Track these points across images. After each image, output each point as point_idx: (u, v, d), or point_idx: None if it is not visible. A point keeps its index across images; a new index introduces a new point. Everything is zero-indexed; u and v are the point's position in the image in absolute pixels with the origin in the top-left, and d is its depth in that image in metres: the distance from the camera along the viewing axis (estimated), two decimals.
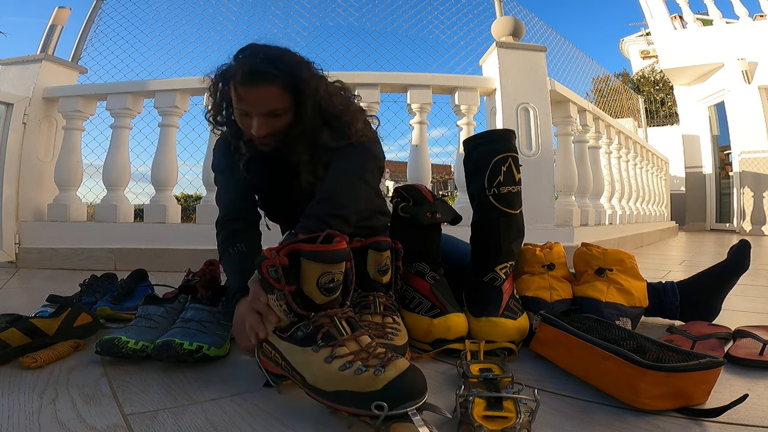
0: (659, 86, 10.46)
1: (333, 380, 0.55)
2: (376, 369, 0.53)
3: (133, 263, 1.88)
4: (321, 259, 0.60)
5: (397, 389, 0.51)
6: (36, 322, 0.78)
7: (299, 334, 0.60)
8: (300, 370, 0.58)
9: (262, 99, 0.85)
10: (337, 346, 0.58)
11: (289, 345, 0.61)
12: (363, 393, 0.52)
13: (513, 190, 0.88)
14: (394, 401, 0.50)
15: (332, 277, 0.61)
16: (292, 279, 0.61)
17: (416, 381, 0.53)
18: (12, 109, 2.13)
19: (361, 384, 0.53)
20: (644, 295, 0.96)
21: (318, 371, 0.56)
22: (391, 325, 0.77)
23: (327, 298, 0.61)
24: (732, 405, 0.53)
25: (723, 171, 6.77)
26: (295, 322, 0.61)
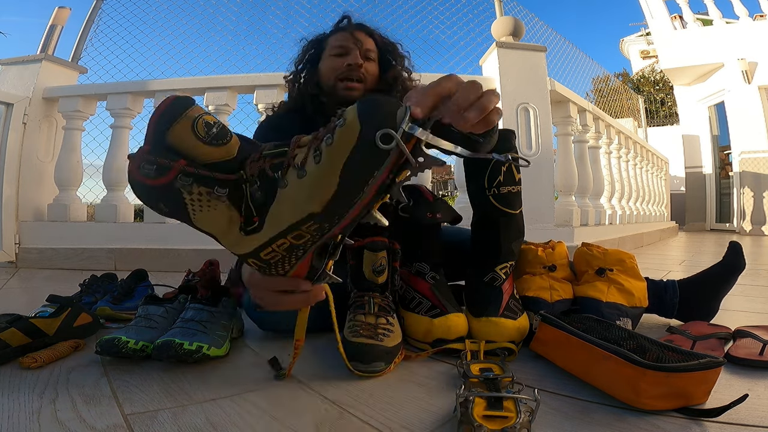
0: (659, 86, 10.46)
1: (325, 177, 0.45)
2: (337, 123, 0.45)
3: (133, 263, 1.88)
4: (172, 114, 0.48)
5: (374, 110, 0.44)
6: (36, 322, 0.78)
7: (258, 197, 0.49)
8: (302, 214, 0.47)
9: (360, 37, 0.99)
10: (292, 158, 0.47)
11: (268, 217, 0.49)
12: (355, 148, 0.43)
13: (513, 190, 0.88)
14: (384, 120, 0.43)
15: (204, 121, 0.48)
16: (174, 156, 0.48)
17: (381, 97, 0.45)
18: (12, 109, 2.14)
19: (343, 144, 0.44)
20: (644, 295, 0.96)
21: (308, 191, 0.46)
22: (383, 326, 0.76)
23: (227, 146, 0.49)
24: (732, 405, 0.53)
25: (723, 171, 6.77)
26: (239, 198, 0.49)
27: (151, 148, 0.48)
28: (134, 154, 0.48)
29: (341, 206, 0.46)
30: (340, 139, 0.44)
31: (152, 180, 0.48)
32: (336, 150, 0.44)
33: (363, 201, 0.46)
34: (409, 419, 0.55)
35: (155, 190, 0.48)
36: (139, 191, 0.49)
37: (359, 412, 0.57)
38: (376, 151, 0.43)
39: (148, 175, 0.47)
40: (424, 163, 0.45)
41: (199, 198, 0.48)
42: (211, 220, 0.50)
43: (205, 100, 2.19)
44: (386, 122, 0.43)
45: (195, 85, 2.23)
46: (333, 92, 0.98)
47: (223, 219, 0.50)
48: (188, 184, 0.48)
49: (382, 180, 0.45)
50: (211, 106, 2.17)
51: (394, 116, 0.44)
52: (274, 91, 2.13)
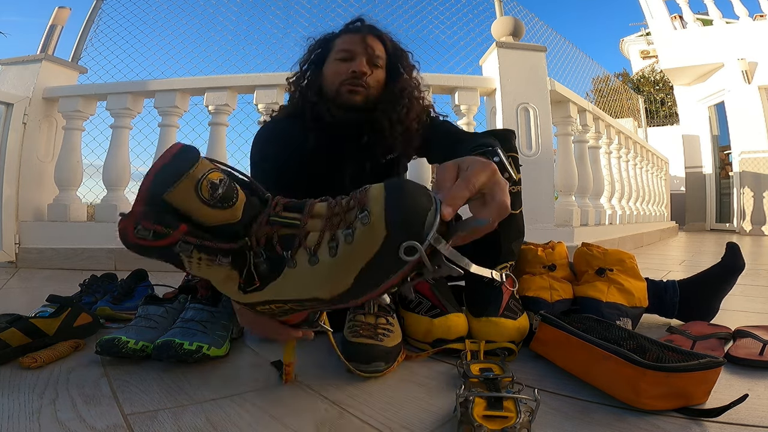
0: (659, 86, 10.46)
1: (340, 273, 0.43)
2: (361, 218, 0.42)
3: (133, 263, 1.87)
4: (174, 172, 0.43)
5: (403, 213, 0.42)
6: (36, 322, 0.78)
7: (263, 269, 0.46)
8: (307, 296, 0.45)
9: (369, 44, 0.94)
10: (304, 238, 0.45)
11: (270, 286, 0.46)
12: (377, 254, 0.41)
13: (513, 190, 0.88)
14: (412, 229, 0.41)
15: (209, 182, 0.44)
16: (173, 219, 0.44)
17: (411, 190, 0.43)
18: (12, 109, 2.14)
19: (365, 247, 0.42)
20: (644, 295, 0.96)
21: (319, 280, 0.44)
22: (383, 326, 0.76)
23: (233, 208, 0.45)
24: (732, 405, 0.53)
25: (723, 171, 6.77)
26: (242, 263, 0.46)
27: (148, 209, 0.44)
28: (128, 214, 0.44)
29: (349, 297, 0.45)
30: (362, 239, 0.42)
31: (148, 242, 0.44)
32: (356, 251, 0.42)
33: (371, 295, 0.45)
34: (409, 419, 0.55)
35: (151, 250, 0.45)
36: (132, 249, 0.45)
37: (359, 412, 0.57)
38: (397, 260, 0.42)
39: (145, 237, 0.44)
40: (440, 269, 0.44)
41: (198, 262, 0.46)
42: (207, 274, 0.48)
43: (205, 100, 2.19)
44: (413, 229, 0.41)
45: (195, 85, 2.22)
46: (336, 97, 0.94)
47: (221, 275, 0.47)
48: (189, 251, 0.45)
49: (395, 282, 0.44)
50: (211, 106, 2.17)
51: (422, 220, 0.41)
52: (274, 91, 2.13)
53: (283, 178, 0.92)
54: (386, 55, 0.97)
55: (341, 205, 0.45)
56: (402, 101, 0.96)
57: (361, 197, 0.44)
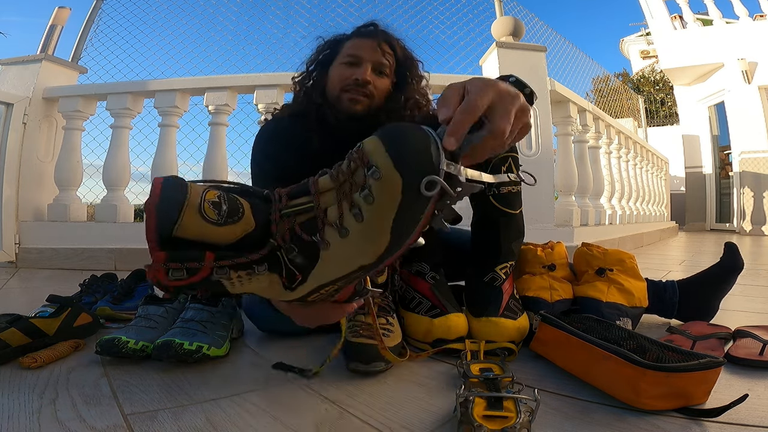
0: (659, 86, 10.46)
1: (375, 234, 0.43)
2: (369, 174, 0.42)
3: (133, 263, 1.88)
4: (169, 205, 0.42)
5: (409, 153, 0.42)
6: (36, 322, 0.78)
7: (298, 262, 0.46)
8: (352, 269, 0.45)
9: (377, 50, 0.92)
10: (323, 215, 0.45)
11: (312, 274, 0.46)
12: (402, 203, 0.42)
13: (513, 190, 0.88)
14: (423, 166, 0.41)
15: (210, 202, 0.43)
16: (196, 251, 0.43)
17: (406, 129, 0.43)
18: (12, 109, 2.14)
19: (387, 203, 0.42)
20: (644, 295, 0.96)
21: (357, 249, 0.44)
22: (383, 326, 0.77)
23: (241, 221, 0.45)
24: (732, 405, 0.53)
25: (723, 171, 6.77)
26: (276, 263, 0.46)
27: (167, 252, 0.43)
28: (152, 264, 0.43)
29: (393, 251, 0.45)
30: (381, 194, 0.42)
31: (185, 281, 0.44)
32: (381, 206, 0.42)
33: (411, 240, 0.46)
34: (409, 419, 0.55)
35: (193, 286, 0.45)
36: (175, 293, 0.46)
37: (359, 412, 0.57)
38: (422, 198, 0.42)
39: (180, 278, 0.43)
40: (462, 191, 0.44)
41: (239, 279, 0.45)
42: (251, 289, 0.47)
43: (205, 100, 2.19)
44: (424, 165, 0.41)
45: (195, 85, 2.22)
46: (337, 103, 0.93)
47: (263, 284, 0.47)
48: (226, 273, 0.44)
49: (427, 218, 0.44)
50: (211, 106, 2.17)
51: (429, 154, 0.41)
52: (274, 91, 2.13)
53: (285, 177, 0.92)
54: (395, 62, 0.95)
55: (343, 171, 0.44)
56: (404, 111, 0.95)
57: (360, 155, 0.43)
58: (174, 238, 0.43)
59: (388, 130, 0.44)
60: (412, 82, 0.97)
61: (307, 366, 0.71)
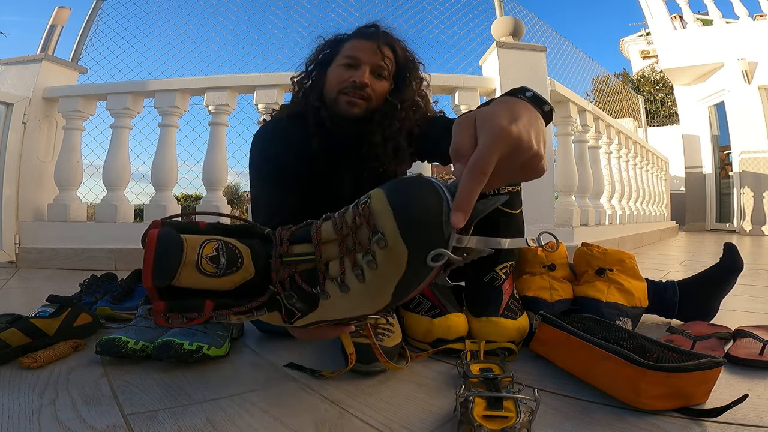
0: (659, 86, 10.46)
1: (376, 294, 0.45)
2: (375, 240, 0.42)
3: (133, 263, 1.88)
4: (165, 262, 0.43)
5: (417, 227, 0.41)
6: (36, 322, 0.78)
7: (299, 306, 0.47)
8: (352, 315, 0.48)
9: (377, 52, 0.91)
10: (325, 269, 0.45)
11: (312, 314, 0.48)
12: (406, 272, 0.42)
13: (513, 190, 0.88)
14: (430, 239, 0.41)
15: (207, 258, 0.44)
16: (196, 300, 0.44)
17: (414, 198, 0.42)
18: (12, 109, 2.14)
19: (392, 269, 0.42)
20: (644, 295, 0.96)
21: (358, 304, 0.45)
22: (383, 326, 0.77)
23: (239, 271, 0.45)
24: (732, 405, 0.53)
25: (723, 171, 6.77)
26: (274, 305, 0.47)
27: (167, 304, 0.43)
28: (153, 311, 0.44)
29: (392, 306, 0.47)
30: (385, 263, 0.42)
31: (188, 324, 0.45)
32: (384, 274, 0.42)
33: (412, 295, 0.47)
34: (409, 419, 0.55)
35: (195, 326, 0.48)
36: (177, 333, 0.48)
37: (359, 412, 0.57)
38: (426, 268, 0.42)
39: (182, 322, 0.45)
40: (469, 256, 0.45)
41: (238, 319, 0.47)
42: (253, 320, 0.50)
43: (205, 100, 2.19)
44: (433, 239, 0.40)
45: (195, 85, 2.22)
46: (334, 105, 0.92)
47: (263, 318, 0.48)
48: (224, 318, 0.45)
49: (430, 280, 0.45)
50: (211, 106, 2.17)
51: (439, 227, 0.40)
52: (274, 91, 2.13)
53: (283, 178, 0.92)
54: (396, 64, 0.94)
55: (347, 224, 0.44)
56: (399, 114, 0.93)
57: (365, 213, 0.42)
58: (173, 288, 0.43)
59: (397, 188, 0.42)
60: (412, 84, 0.97)
61: (308, 366, 0.71)
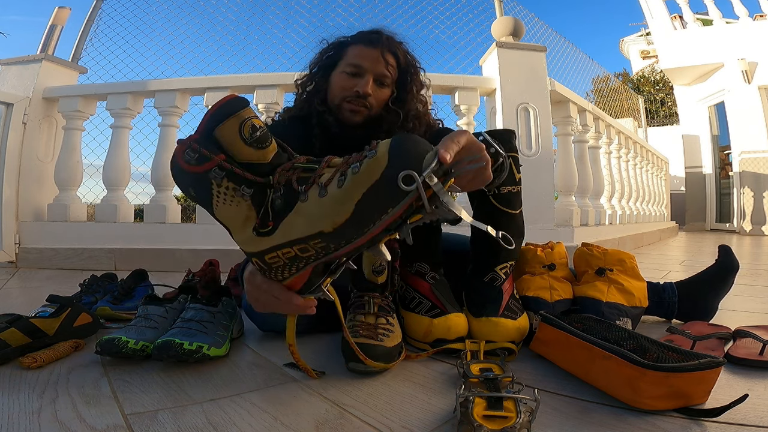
0: (659, 86, 10.46)
1: (343, 201, 0.47)
2: (368, 153, 0.47)
3: (133, 263, 1.88)
4: (227, 111, 0.52)
5: (404, 150, 0.46)
6: (36, 322, 0.78)
7: (278, 204, 0.52)
8: (313, 230, 0.49)
9: (380, 60, 0.92)
10: (318, 177, 0.50)
11: (281, 225, 0.51)
12: (377, 181, 0.46)
13: (513, 190, 0.88)
14: (412, 162, 0.45)
15: (252, 124, 0.52)
16: (216, 149, 0.52)
17: (416, 138, 0.48)
18: (12, 109, 2.14)
19: (367, 175, 0.46)
20: (644, 295, 0.96)
21: (324, 210, 0.48)
22: (383, 326, 0.77)
23: (265, 151, 0.53)
24: (732, 405, 0.53)
25: (723, 171, 6.77)
26: (261, 201, 0.52)
27: (198, 138, 0.52)
28: (183, 140, 0.53)
29: (350, 232, 0.48)
30: (365, 169, 0.47)
31: (191, 167, 0.52)
32: (359, 179, 0.47)
33: (372, 233, 0.48)
34: (409, 419, 0.55)
35: (190, 176, 0.53)
36: (176, 173, 0.54)
37: (359, 412, 0.57)
38: (396, 189, 0.45)
39: (189, 161, 0.52)
40: (437, 210, 0.47)
41: (225, 191, 0.53)
42: (231, 214, 0.54)
43: (206, 100, 2.19)
44: (412, 164, 0.45)
45: (195, 85, 2.22)
46: (337, 111, 0.94)
47: (240, 216, 0.54)
48: (220, 177, 0.52)
49: (394, 218, 0.47)
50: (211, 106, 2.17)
51: (422, 160, 0.46)
52: (274, 91, 2.13)
53: None
54: (398, 70, 0.96)
55: (355, 156, 0.50)
56: (406, 127, 0.95)
57: (372, 145, 0.49)
58: (212, 135, 0.52)
59: (403, 134, 0.49)
60: (413, 89, 0.98)
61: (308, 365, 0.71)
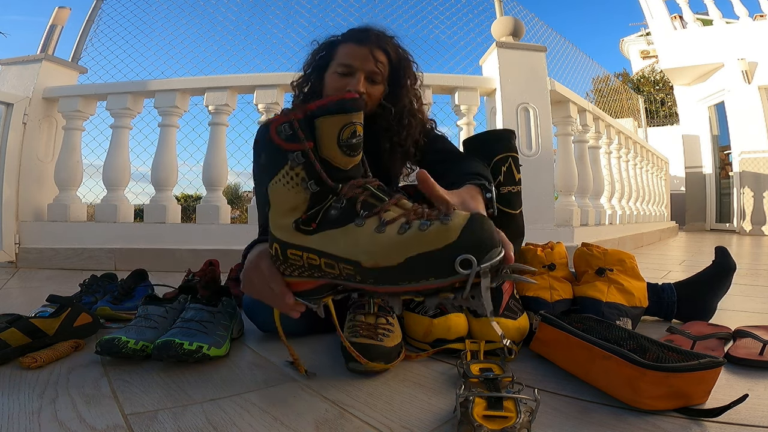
0: (659, 86, 10.46)
1: (396, 249, 0.46)
2: (442, 218, 0.46)
3: (133, 263, 1.88)
4: (340, 108, 0.52)
5: (477, 235, 0.45)
6: (36, 322, 0.78)
7: (332, 213, 0.52)
8: (351, 256, 0.49)
9: (370, 58, 0.91)
10: (383, 211, 0.50)
11: (324, 233, 0.51)
12: (438, 250, 0.44)
13: (513, 190, 0.88)
14: (478, 250, 0.44)
15: (354, 129, 0.53)
16: (310, 135, 0.53)
17: (491, 226, 0.47)
18: (12, 109, 2.14)
19: (432, 239, 0.45)
20: (644, 295, 0.96)
21: (374, 246, 0.48)
22: (383, 326, 0.77)
23: (351, 159, 0.54)
24: (732, 405, 0.53)
25: (723, 171, 6.77)
26: (319, 201, 0.53)
27: (302, 118, 0.52)
28: (287, 112, 0.53)
29: (385, 278, 0.48)
30: (433, 233, 0.46)
31: (279, 139, 0.53)
32: (422, 239, 0.46)
33: (403, 288, 0.48)
34: (409, 419, 0.55)
35: (272, 147, 0.53)
36: (261, 136, 0.55)
37: (359, 412, 0.57)
38: (450, 266, 0.44)
39: (280, 134, 0.53)
40: (472, 301, 0.47)
41: (293, 176, 0.53)
42: (283, 197, 0.54)
43: (205, 100, 2.19)
44: (477, 251, 0.44)
45: (195, 85, 2.22)
46: None
47: (291, 203, 0.54)
48: (297, 163, 0.52)
49: (431, 287, 0.47)
50: (211, 106, 2.17)
51: (488, 251, 0.45)
52: (274, 91, 2.13)
53: None
54: (389, 66, 0.95)
55: (426, 212, 0.49)
56: (403, 124, 0.95)
57: (449, 209, 0.49)
58: (314, 121, 0.53)
59: (482, 218, 0.47)
60: (407, 84, 0.97)
61: (306, 367, 0.71)
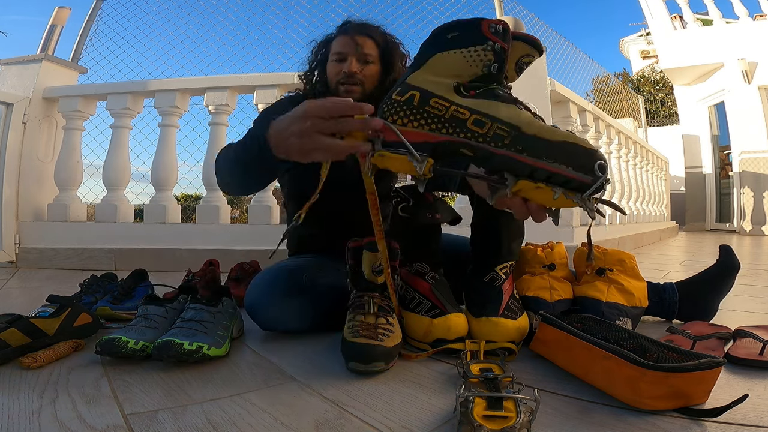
0: (659, 86, 10.46)
1: (556, 132, 0.53)
2: None
3: (133, 263, 1.87)
4: (529, 41, 0.63)
5: (604, 157, 0.54)
6: (36, 322, 0.78)
7: (500, 93, 0.57)
8: (513, 121, 0.54)
9: (357, 43, 1.02)
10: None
11: (485, 101, 0.56)
12: (588, 149, 0.53)
13: None
14: (604, 166, 0.52)
15: (528, 61, 0.62)
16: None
17: None
18: (12, 109, 2.14)
19: (585, 140, 0.53)
20: (644, 295, 0.96)
21: (536, 124, 0.54)
22: (383, 326, 0.76)
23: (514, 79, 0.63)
24: (732, 405, 0.53)
25: (723, 171, 6.77)
26: (483, 81, 0.57)
27: (504, 32, 0.58)
28: (500, 20, 0.58)
29: (534, 150, 0.53)
30: (586, 139, 0.58)
31: (489, 33, 0.58)
32: (577, 137, 0.54)
33: (542, 165, 0.52)
34: (409, 419, 0.55)
35: (477, 30, 0.59)
36: (471, 26, 0.60)
37: (359, 412, 0.57)
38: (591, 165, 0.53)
39: (489, 28, 0.59)
40: (587, 203, 0.53)
41: (480, 55, 0.58)
42: (450, 64, 0.59)
43: (205, 100, 2.19)
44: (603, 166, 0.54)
45: (195, 85, 2.22)
46: (336, 95, 1.03)
47: (456, 70, 0.59)
48: (491, 49, 0.58)
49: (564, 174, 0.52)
50: (211, 106, 2.17)
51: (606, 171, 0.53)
52: (274, 91, 2.13)
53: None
54: (378, 49, 1.05)
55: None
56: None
57: None
58: (508, 37, 0.60)
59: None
60: (398, 62, 1.08)
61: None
